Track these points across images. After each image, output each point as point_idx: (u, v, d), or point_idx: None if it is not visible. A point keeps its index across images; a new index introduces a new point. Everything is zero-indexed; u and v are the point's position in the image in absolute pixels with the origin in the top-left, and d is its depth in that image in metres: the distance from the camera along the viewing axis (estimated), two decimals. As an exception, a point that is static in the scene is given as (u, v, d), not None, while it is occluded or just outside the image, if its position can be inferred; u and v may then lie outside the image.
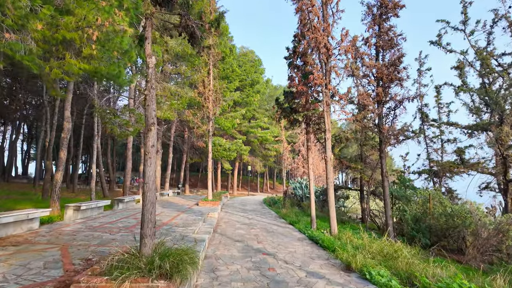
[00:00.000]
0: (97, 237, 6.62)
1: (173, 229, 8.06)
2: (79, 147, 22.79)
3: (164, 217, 10.35)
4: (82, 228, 7.67)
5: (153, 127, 4.09)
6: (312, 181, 10.61)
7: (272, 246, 7.60)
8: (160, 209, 13.12)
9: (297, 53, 10.94)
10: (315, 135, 11.74)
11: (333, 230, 8.75)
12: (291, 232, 9.85)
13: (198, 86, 16.48)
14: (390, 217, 9.23)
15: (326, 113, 9.08)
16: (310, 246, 7.91)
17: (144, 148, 4.08)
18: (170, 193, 22.40)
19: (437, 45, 11.31)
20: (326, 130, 9.09)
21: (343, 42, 9.15)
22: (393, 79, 9.14)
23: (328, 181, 8.89)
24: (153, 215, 3.99)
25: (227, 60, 25.36)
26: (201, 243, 6.41)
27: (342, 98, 9.07)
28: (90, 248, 5.55)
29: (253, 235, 9.00)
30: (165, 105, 13.37)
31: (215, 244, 7.52)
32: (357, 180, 15.27)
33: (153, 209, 4.01)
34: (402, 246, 6.70)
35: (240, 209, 16.76)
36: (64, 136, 9.83)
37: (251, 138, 36.32)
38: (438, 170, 11.76)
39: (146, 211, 3.94)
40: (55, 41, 6.28)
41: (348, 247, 6.65)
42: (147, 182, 4.00)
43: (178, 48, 14.15)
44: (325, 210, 16.34)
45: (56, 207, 9.62)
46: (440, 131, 13.34)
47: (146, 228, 3.90)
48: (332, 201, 8.78)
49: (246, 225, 10.85)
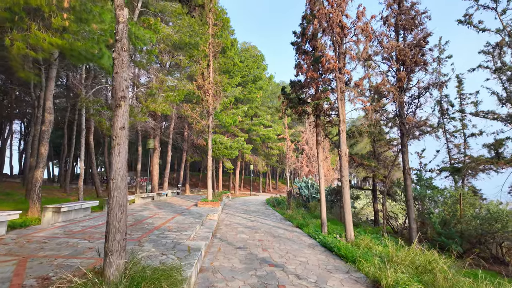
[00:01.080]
0: (71, 246, 5.54)
1: (165, 235, 6.97)
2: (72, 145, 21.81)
3: (157, 220, 9.26)
4: (59, 234, 6.60)
5: (123, 103, 2.99)
6: (322, 179, 9.48)
7: (279, 255, 6.49)
8: (155, 210, 12.05)
9: (306, 37, 9.83)
10: (324, 130, 10.62)
11: (349, 235, 7.62)
12: (300, 237, 8.74)
13: (197, 79, 15.39)
14: (413, 220, 8.08)
15: (340, 101, 7.95)
16: (324, 254, 6.79)
17: (112, 131, 2.98)
18: (169, 193, 21.34)
19: (467, 24, 10.09)
20: (340, 121, 7.96)
21: (359, 21, 8.01)
22: (418, 62, 7.99)
23: (343, 179, 7.76)
24: (122, 223, 2.89)
25: (228, 53, 24.27)
26: (196, 253, 5.31)
27: (359, 85, 7.93)
28: (56, 261, 4.47)
29: (257, 241, 7.91)
30: (160, 97, 12.30)
31: (214, 253, 6.42)
32: (368, 179, 14.18)
33: (123, 214, 2.90)
34: (437, 256, 5.56)
35: (242, 210, 15.67)
36: (45, 129, 8.77)
37: (253, 136, 35.21)
38: (462, 167, 10.59)
39: (112, 217, 2.84)
40: (17, 7, 5.16)
41: (375, 259, 5.51)
42: (115, 177, 2.90)
43: (175, 37, 13.07)
44: (334, 212, 15.20)
45: (36, 209, 8.57)
46: (462, 125, 12.13)
47: (112, 241, 2.80)
48: (348, 202, 7.65)
49: (249, 229, 9.75)
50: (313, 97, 9.36)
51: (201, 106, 15.71)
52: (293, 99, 9.85)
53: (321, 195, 9.44)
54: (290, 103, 9.91)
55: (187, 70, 16.66)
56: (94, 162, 16.90)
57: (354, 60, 7.99)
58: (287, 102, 10.04)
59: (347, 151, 7.87)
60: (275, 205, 18.84)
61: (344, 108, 8.03)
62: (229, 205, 18.50)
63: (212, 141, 26.05)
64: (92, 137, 16.11)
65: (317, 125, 9.84)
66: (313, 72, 8.70)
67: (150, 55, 11.48)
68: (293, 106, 9.82)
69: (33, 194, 8.63)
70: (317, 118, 9.80)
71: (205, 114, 15.76)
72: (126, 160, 3.02)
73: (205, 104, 15.19)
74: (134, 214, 10.56)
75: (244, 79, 31.17)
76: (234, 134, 32.18)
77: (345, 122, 7.99)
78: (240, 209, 16.16)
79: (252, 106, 33.84)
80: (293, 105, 9.84)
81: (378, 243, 7.51)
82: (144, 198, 15.69)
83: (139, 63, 11.75)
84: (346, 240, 7.55)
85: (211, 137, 15.66)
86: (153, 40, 10.60)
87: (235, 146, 27.03)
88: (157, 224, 8.52)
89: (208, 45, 15.26)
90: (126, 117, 3.01)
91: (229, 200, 23.29)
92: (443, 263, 5.40)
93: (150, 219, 9.53)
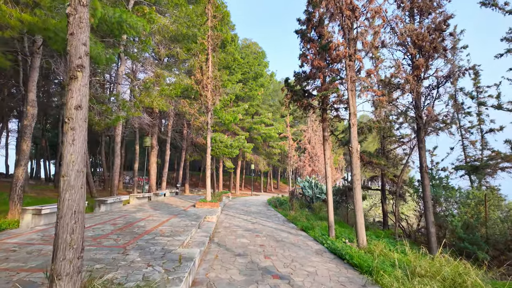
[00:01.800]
0: (44, 255, 4.79)
1: (156, 240, 6.21)
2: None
3: (150, 223, 8.51)
4: (35, 240, 5.86)
5: (80, 74, 2.23)
6: (330, 178, 8.71)
7: (284, 263, 5.73)
8: (149, 211, 11.30)
9: (312, 24, 9.05)
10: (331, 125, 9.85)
11: (361, 241, 6.84)
12: (306, 242, 7.97)
13: (195, 73, 14.63)
14: (432, 223, 7.29)
15: (350, 92, 7.17)
16: (335, 263, 6.02)
17: (65, 110, 2.21)
18: (167, 193, 20.60)
19: (491, 6, 9.27)
20: (350, 114, 7.19)
21: (372, 3, 7.23)
22: (437, 48, 7.21)
23: (354, 178, 6.98)
24: (77, 236, 2.13)
25: (229, 49, 23.49)
26: (188, 263, 4.55)
27: (371, 74, 7.15)
28: (18, 276, 3.72)
29: (259, 246, 7.15)
30: (154, 91, 11.53)
31: (210, 261, 5.67)
32: (376, 179, 13.40)
33: (78, 224, 2.14)
34: (469, 266, 4.78)
35: (242, 211, 14.91)
36: (27, 124, 8.03)
37: (254, 135, 34.43)
38: (480, 165, 9.77)
39: (61, 228, 2.09)
40: (-25, -25, 4.41)
41: (397, 272, 4.73)
42: (66, 174, 2.15)
43: (171, 27, 12.31)
44: (340, 213, 14.41)
45: (17, 210, 7.84)
46: (479, 120, 11.28)
47: (62, 260, 2.05)
48: (360, 203, 6.88)
49: (249, 232, 8.99)
50: (320, 88, 8.59)
51: (200, 102, 14.95)
52: (298, 92, 9.08)
53: (328, 195, 8.66)
54: (295, 95, 9.14)
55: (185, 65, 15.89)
56: (88, 160, 16.14)
57: (366, 47, 7.21)
58: (291, 95, 9.27)
59: (359, 147, 7.09)
60: (277, 205, 18.08)
61: (355, 99, 7.25)
62: (229, 206, 17.75)
63: (211, 139, 25.29)
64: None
65: (323, 119, 9.07)
66: (320, 61, 7.93)
67: (144, 46, 10.75)
68: (298, 99, 9.04)
69: (14, 194, 7.90)
70: (324, 112, 9.03)
71: (204, 111, 14.99)
72: (84, 151, 2.26)
73: (203, 100, 14.43)
74: (126, 216, 9.82)
75: (245, 76, 30.39)
76: (234, 133, 31.42)
77: (355, 115, 7.21)
78: (240, 210, 15.40)
79: (253, 104, 33.06)
80: (298, 98, 9.07)
81: (393, 249, 6.74)
82: (140, 198, 14.95)
83: (132, 54, 11.03)
84: (358, 246, 6.78)
85: (210, 134, 14.90)
86: (146, 29, 9.85)
87: (235, 145, 26.26)
88: (149, 227, 7.77)
89: (207, 37, 14.49)
90: (84, 93, 2.25)
91: (229, 200, 22.54)
92: (476, 275, 4.63)
93: (142, 221, 8.79)
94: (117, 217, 9.35)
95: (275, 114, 41.49)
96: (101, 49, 8.31)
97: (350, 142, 7.08)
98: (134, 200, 14.24)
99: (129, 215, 9.93)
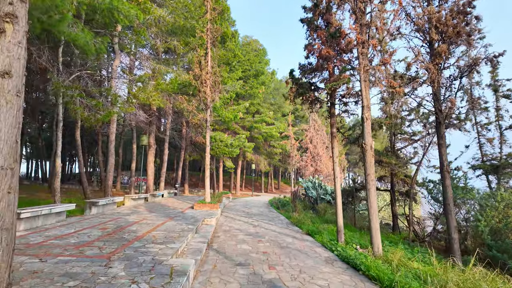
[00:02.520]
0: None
1: (146, 248, 5.51)
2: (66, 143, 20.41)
3: (143, 227, 7.81)
4: (8, 248, 5.15)
5: (10, 26, 1.51)
6: (338, 178, 8.00)
7: (291, 275, 5.03)
8: (144, 214, 10.61)
9: (319, 10, 8.34)
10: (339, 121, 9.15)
11: (376, 248, 6.13)
12: (313, 248, 7.26)
13: (194, 68, 13.94)
14: (455, 228, 6.58)
15: (364, 83, 6.46)
16: (348, 274, 5.31)
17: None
18: (165, 194, 19.91)
19: None
20: (364, 107, 6.48)
21: (387, -15, 6.53)
22: (461, 33, 6.52)
23: (368, 178, 6.27)
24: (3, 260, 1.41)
25: (229, 45, 22.79)
26: (180, 279, 3.85)
27: (387, 62, 6.45)
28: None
29: (262, 253, 6.46)
30: (149, 85, 10.83)
31: (207, 272, 4.98)
32: (385, 179, 12.70)
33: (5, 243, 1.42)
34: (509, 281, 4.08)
35: (243, 213, 14.21)
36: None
37: (255, 134, 33.73)
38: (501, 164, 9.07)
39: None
40: None
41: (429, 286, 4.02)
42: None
43: (168, 18, 11.62)
44: (346, 215, 13.66)
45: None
46: (497, 116, 10.57)
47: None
48: (375, 206, 6.17)
49: (251, 236, 8.30)
50: (328, 80, 7.88)
51: (198, 99, 14.25)
52: (304, 84, 8.37)
53: (337, 197, 7.95)
54: (300, 88, 8.43)
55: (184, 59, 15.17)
56: (82, 160, 15.48)
57: (381, 33, 6.51)
58: (296, 88, 8.57)
59: (373, 144, 6.39)
60: (279, 207, 17.37)
61: (369, 91, 6.55)
62: (229, 207, 17.05)
63: (211, 138, 24.57)
64: (79, 133, 14.67)
65: (331, 115, 8.36)
66: (329, 49, 7.22)
67: (138, 37, 10.07)
68: (304, 92, 8.34)
69: (-7, 196, 7.19)
70: (332, 107, 8.32)
71: (203, 108, 14.29)
72: (15, 138, 1.56)
73: (202, 96, 13.74)
74: (119, 219, 9.13)
75: (246, 73, 29.68)
76: (235, 132, 30.73)
77: (369, 108, 6.51)
78: (241, 212, 14.70)
79: (254, 103, 32.37)
80: (304, 91, 8.37)
81: (413, 258, 6.03)
82: (135, 199, 14.26)
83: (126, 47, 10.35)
84: (373, 255, 6.07)
85: (209, 133, 14.20)
86: (140, 18, 9.16)
87: (236, 144, 25.56)
88: (141, 232, 7.07)
89: (206, 30, 13.79)
90: (16, 55, 1.55)
91: (230, 201, 21.84)
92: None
93: (135, 225, 8.09)
94: (108, 221, 8.65)
95: (276, 113, 40.82)
96: (90, 38, 7.62)
97: (364, 138, 6.38)
98: (129, 202, 13.55)
99: (121, 218, 9.24)
